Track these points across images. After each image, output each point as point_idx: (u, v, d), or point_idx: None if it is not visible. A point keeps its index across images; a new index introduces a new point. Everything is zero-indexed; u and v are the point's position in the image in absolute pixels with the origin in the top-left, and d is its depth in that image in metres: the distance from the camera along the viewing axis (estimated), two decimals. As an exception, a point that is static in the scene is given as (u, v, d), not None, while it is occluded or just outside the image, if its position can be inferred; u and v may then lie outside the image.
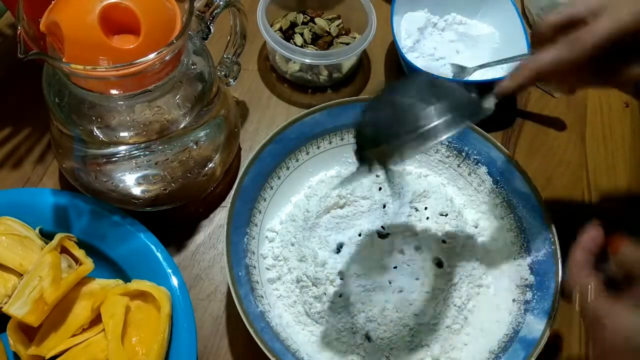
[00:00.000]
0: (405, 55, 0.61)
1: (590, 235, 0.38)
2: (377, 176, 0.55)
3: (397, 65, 0.67)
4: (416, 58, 0.65)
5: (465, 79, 0.64)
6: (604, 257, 0.38)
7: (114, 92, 0.42)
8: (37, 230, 0.48)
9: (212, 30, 0.49)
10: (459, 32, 0.68)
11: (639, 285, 0.34)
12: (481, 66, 0.63)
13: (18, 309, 0.41)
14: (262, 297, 0.47)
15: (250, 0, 0.66)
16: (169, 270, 0.47)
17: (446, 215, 0.52)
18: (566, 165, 0.62)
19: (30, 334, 0.43)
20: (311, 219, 0.50)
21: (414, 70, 0.60)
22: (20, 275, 0.45)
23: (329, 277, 0.47)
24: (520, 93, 0.46)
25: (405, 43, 0.65)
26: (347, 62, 0.64)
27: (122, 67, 0.38)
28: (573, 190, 0.60)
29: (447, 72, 0.64)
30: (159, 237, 0.48)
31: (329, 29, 0.65)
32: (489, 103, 0.41)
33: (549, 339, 0.43)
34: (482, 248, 0.52)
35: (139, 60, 0.38)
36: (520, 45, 0.62)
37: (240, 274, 0.45)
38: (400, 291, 0.47)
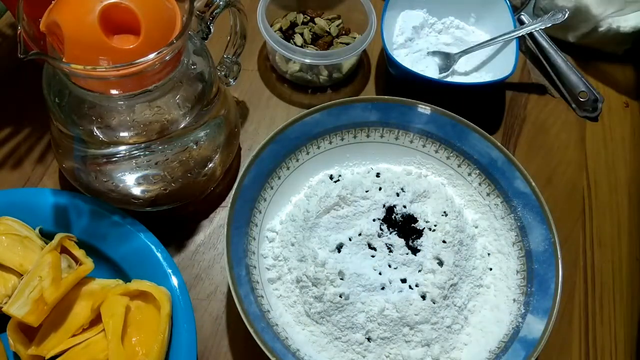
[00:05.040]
0: (395, 51, 0.61)
1: None
2: (377, 176, 0.55)
3: (397, 65, 0.67)
4: (405, 56, 0.65)
5: (453, 80, 0.64)
6: None
7: (114, 92, 0.42)
8: (37, 230, 0.48)
9: (212, 30, 0.49)
10: (455, 36, 0.68)
11: None
12: (465, 51, 0.64)
13: (18, 309, 0.41)
14: (262, 297, 0.47)
15: (250, 0, 0.66)
16: (169, 270, 0.47)
17: (446, 215, 0.52)
18: (566, 165, 0.62)
19: (30, 334, 0.43)
20: (311, 219, 0.50)
21: (396, 66, 0.60)
22: (20, 275, 0.45)
23: (329, 277, 0.47)
24: None
25: (396, 39, 0.65)
26: (347, 62, 0.64)
27: (122, 67, 0.38)
28: (573, 190, 0.60)
29: (432, 63, 0.64)
30: (159, 237, 0.48)
31: (329, 29, 0.65)
32: None
33: (549, 339, 0.43)
34: (482, 248, 0.52)
35: (139, 60, 0.38)
36: (511, 53, 0.62)
37: (240, 274, 0.45)
38: (401, 291, 0.47)
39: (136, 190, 0.50)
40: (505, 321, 0.48)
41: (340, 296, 0.46)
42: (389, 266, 0.49)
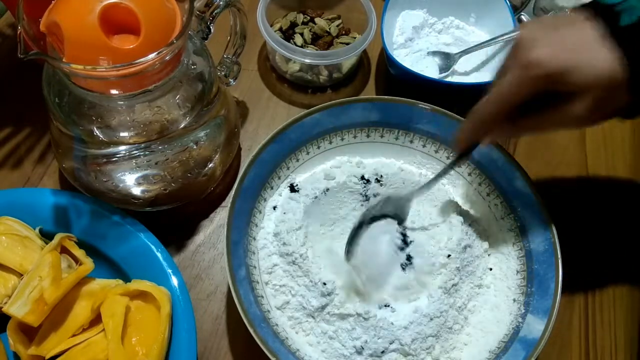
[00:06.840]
0: (395, 51, 0.61)
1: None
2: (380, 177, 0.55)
3: (397, 65, 0.67)
4: (405, 56, 0.65)
5: (453, 81, 0.64)
6: None
7: (114, 92, 0.42)
8: (37, 230, 0.48)
9: (212, 30, 0.49)
10: (455, 36, 0.68)
11: None
12: (465, 51, 0.64)
13: (18, 309, 0.41)
14: (262, 297, 0.47)
15: (250, 0, 0.66)
16: (169, 270, 0.47)
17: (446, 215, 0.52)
18: (566, 165, 0.62)
19: (30, 334, 0.43)
20: (311, 219, 0.50)
21: (396, 66, 0.60)
22: (20, 275, 0.45)
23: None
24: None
25: (396, 39, 0.65)
26: (347, 62, 0.64)
27: (122, 67, 0.38)
28: (573, 191, 0.60)
29: (432, 63, 0.64)
30: (159, 237, 0.48)
31: (329, 29, 0.65)
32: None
33: (549, 339, 0.43)
34: (482, 248, 0.52)
35: (139, 60, 0.38)
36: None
37: (240, 274, 0.45)
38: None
39: (136, 190, 0.50)
40: (505, 321, 0.48)
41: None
42: (389, 266, 0.49)
